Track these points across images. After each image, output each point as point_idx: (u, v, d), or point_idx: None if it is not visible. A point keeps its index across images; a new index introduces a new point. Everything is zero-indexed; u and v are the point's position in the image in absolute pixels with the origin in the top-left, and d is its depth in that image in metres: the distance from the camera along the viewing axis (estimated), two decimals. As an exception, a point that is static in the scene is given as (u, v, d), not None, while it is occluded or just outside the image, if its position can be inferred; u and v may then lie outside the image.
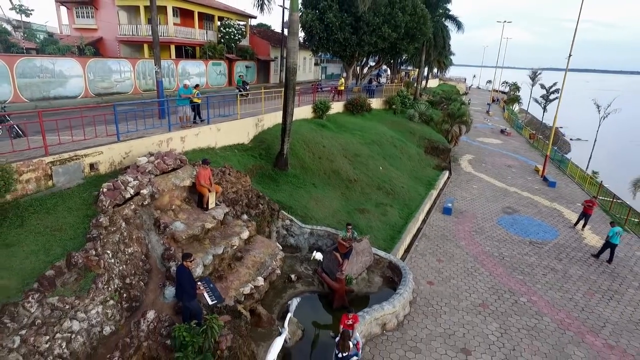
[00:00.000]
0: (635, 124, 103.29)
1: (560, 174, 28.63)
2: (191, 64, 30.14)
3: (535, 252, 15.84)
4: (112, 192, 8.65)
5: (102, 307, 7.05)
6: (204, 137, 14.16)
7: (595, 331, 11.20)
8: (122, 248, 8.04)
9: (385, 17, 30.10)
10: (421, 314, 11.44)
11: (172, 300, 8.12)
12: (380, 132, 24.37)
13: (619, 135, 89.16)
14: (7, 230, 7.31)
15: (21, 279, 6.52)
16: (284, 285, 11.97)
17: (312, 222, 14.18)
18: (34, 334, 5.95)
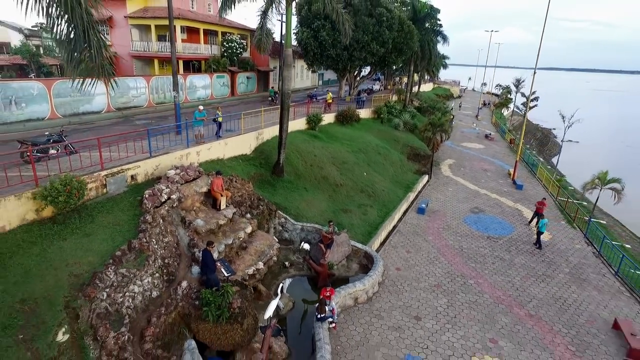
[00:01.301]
0: (631, 125, 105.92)
1: (530, 177, 31.78)
2: (197, 77, 33.25)
3: (490, 245, 18.98)
4: (152, 197, 11.80)
5: (151, 277, 10.19)
6: (215, 151, 17.30)
7: (522, 305, 14.33)
8: (161, 238, 11.18)
9: (373, 34, 33.29)
10: (387, 292, 14.56)
11: (197, 275, 11.27)
12: (367, 141, 27.51)
13: (613, 137, 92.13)
14: (85, 224, 10.44)
15: (100, 257, 9.65)
16: (279, 270, 15.12)
17: (303, 220, 17.31)
18: (113, 291, 9.09)
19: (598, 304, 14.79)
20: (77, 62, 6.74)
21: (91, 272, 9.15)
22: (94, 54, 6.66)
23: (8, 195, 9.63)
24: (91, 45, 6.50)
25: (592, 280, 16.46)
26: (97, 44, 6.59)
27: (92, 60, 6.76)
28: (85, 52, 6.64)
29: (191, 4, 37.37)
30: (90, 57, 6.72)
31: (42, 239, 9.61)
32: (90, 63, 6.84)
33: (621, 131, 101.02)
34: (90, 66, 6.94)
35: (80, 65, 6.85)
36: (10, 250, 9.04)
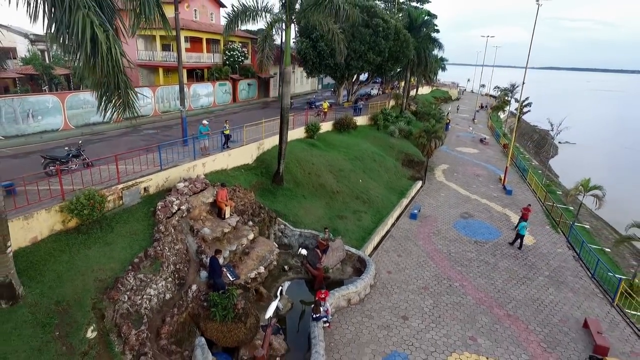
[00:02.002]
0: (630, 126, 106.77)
1: (520, 182, 33.05)
2: (201, 86, 34.54)
3: (477, 250, 20.25)
4: (164, 208, 13.09)
5: (164, 282, 11.49)
6: (219, 162, 18.58)
7: (502, 306, 15.61)
8: (172, 245, 12.47)
9: (370, 44, 34.58)
10: (378, 294, 15.84)
11: (205, 279, 12.57)
12: (363, 148, 28.79)
13: (611, 138, 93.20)
14: (106, 234, 11.74)
15: (121, 263, 10.95)
16: (279, 274, 16.42)
17: (301, 226, 18.60)
18: (133, 294, 10.39)
19: (572, 304, 16.07)
20: (107, 102, 7.95)
21: (114, 277, 10.45)
22: (123, 94, 7.87)
23: (40, 209, 10.91)
24: (120, 87, 7.71)
25: (570, 282, 17.73)
26: (124, 86, 7.82)
27: (119, 98, 7.98)
28: (115, 94, 7.86)
29: (194, 15, 38.64)
30: (118, 96, 7.95)
31: (70, 247, 10.90)
32: (118, 101, 8.07)
33: (619, 132, 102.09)
34: (118, 103, 8.16)
35: (110, 103, 8.08)
36: (44, 258, 10.34)
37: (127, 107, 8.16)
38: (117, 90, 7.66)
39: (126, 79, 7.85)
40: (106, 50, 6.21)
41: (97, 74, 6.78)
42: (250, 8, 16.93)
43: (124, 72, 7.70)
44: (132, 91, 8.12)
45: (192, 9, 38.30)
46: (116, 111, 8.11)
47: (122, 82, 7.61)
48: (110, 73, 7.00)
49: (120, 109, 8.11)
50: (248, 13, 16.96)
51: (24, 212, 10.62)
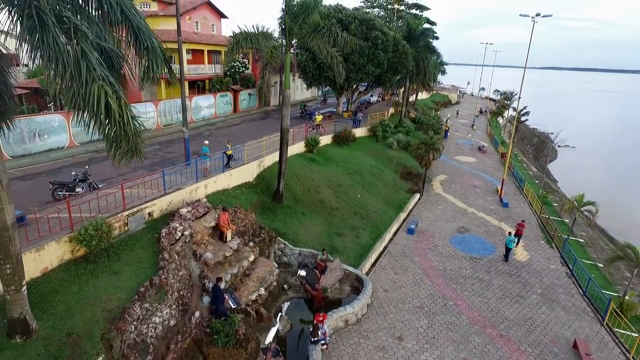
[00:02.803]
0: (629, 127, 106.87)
1: (517, 193, 33.52)
2: (202, 98, 35.05)
3: (472, 266, 20.74)
4: (168, 235, 13.61)
5: (169, 309, 12.00)
6: (221, 182, 19.09)
7: (495, 325, 16.11)
8: (176, 272, 12.99)
9: (369, 57, 35.04)
10: (375, 313, 16.34)
11: (207, 304, 13.08)
12: (362, 162, 29.28)
13: (610, 141, 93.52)
14: (113, 263, 12.26)
15: (127, 293, 11.47)
16: (279, 293, 16.92)
17: (301, 244, 19.10)
18: (139, 324, 10.90)
19: (563, 324, 16.56)
20: (117, 148, 8.38)
21: (121, 307, 10.97)
22: (131, 141, 8.32)
23: (50, 241, 11.43)
24: (128, 135, 8.16)
25: (562, 300, 18.22)
26: (133, 133, 8.27)
27: (128, 144, 8.43)
28: (123, 140, 8.29)
29: (195, 26, 39.15)
30: (127, 143, 8.39)
31: (79, 277, 11.42)
32: (127, 146, 8.52)
33: (619, 134, 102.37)
34: (126, 150, 8.62)
35: (119, 150, 8.53)
36: (54, 289, 10.86)
37: (135, 153, 8.56)
38: (126, 138, 8.02)
39: (136, 128, 8.24)
40: (118, 117, 6.72)
41: (110, 135, 7.26)
42: (251, 34, 17.42)
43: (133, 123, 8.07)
44: (140, 139, 8.53)
45: (193, 21, 38.81)
46: (124, 157, 8.52)
47: (131, 131, 8.00)
48: (123, 136, 7.45)
49: (128, 156, 8.52)
50: (249, 39, 17.46)
51: (35, 244, 11.14)
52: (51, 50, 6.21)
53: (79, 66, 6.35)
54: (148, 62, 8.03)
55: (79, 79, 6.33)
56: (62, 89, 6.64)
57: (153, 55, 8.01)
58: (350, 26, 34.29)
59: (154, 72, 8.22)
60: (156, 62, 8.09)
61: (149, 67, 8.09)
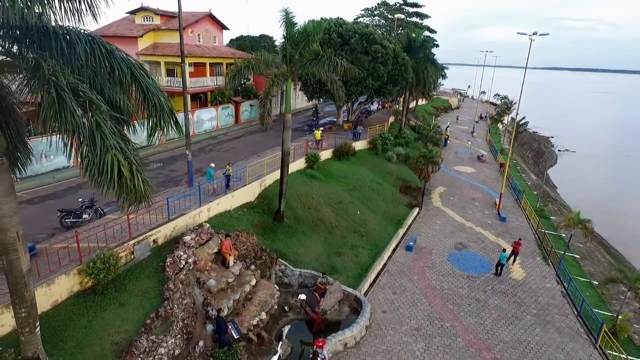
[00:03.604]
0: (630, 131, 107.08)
1: (515, 206, 33.92)
2: (204, 111, 35.55)
3: (469, 285, 21.16)
4: (173, 264, 14.08)
5: (174, 339, 12.47)
6: (223, 204, 19.55)
7: (490, 348, 16.54)
8: (181, 301, 13.45)
9: (369, 70, 35.50)
10: (373, 335, 16.77)
11: (210, 332, 13.54)
12: (362, 177, 29.72)
13: (611, 145, 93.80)
14: (120, 294, 12.73)
15: (134, 325, 11.94)
16: (279, 315, 17.35)
17: (301, 265, 19.54)
18: (146, 356, 11.36)
19: (557, 346, 16.98)
20: (126, 196, 8.72)
21: (128, 340, 11.43)
22: (140, 193, 8.64)
23: (60, 275, 11.90)
24: (137, 189, 8.45)
25: (556, 321, 18.63)
26: (143, 186, 8.57)
27: (136, 193, 8.79)
28: (132, 194, 8.65)
29: (198, 39, 39.63)
30: (135, 192, 8.75)
31: (87, 310, 11.89)
32: (135, 197, 8.84)
33: (619, 138, 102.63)
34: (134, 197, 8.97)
35: (128, 197, 8.89)
36: (64, 323, 11.33)
37: (142, 199, 8.86)
38: (137, 196, 8.29)
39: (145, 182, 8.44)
40: (130, 182, 7.18)
41: (123, 197, 7.69)
42: (252, 62, 17.90)
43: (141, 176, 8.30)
44: (149, 187, 8.81)
45: (195, 34, 39.30)
46: (132, 204, 8.84)
47: (140, 191, 8.23)
48: (133, 194, 7.84)
49: (136, 202, 8.81)
50: (251, 67, 17.92)
51: (46, 279, 11.60)
52: (69, 124, 6.68)
53: (94, 138, 6.81)
54: (156, 119, 8.47)
55: (94, 149, 6.79)
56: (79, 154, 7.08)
57: (160, 112, 8.45)
58: (351, 40, 34.78)
59: (162, 128, 8.65)
60: (164, 119, 8.53)
61: (157, 123, 8.53)
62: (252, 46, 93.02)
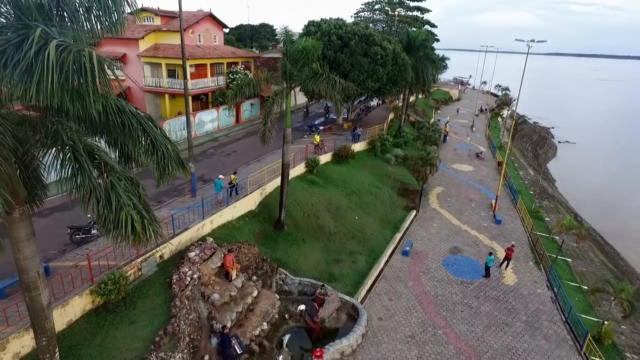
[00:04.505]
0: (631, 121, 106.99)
1: (511, 207, 34.60)
2: (205, 113, 36.02)
3: (462, 291, 22.00)
4: (179, 281, 14.88)
5: (181, 354, 13.32)
6: (225, 215, 20.28)
7: (479, 355, 17.43)
8: (187, 316, 14.28)
9: (368, 72, 35.83)
10: (369, 343, 17.67)
11: (215, 345, 14.41)
12: (360, 181, 30.37)
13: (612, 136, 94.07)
14: (130, 311, 13.55)
15: (144, 342, 12.78)
16: (280, 322, 18.25)
17: (301, 274, 20.36)
18: (156, 373, 12.23)
19: (544, 353, 17.87)
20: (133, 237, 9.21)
21: (139, 357, 12.30)
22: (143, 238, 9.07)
23: (73, 296, 12.70)
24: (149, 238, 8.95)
25: (544, 328, 19.50)
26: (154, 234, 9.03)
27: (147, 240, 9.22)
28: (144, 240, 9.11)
29: (198, 39, 39.81)
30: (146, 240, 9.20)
31: (100, 329, 12.72)
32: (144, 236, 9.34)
33: (620, 129, 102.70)
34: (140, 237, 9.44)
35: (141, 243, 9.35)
36: (79, 342, 12.17)
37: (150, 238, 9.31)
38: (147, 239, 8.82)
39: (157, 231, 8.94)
40: (143, 236, 7.87)
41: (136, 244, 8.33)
42: (253, 81, 18.39)
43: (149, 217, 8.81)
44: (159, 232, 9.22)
45: (196, 34, 39.46)
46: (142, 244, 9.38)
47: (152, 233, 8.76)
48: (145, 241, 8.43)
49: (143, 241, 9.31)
50: (251, 85, 18.43)
51: (61, 301, 12.40)
52: (86, 187, 7.33)
53: (109, 197, 7.47)
54: (164, 166, 9.08)
55: (109, 208, 7.46)
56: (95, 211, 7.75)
57: (168, 160, 9.07)
58: (351, 42, 35.01)
59: (169, 174, 9.27)
60: (171, 165, 9.14)
61: (165, 169, 9.15)
62: (252, 35, 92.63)
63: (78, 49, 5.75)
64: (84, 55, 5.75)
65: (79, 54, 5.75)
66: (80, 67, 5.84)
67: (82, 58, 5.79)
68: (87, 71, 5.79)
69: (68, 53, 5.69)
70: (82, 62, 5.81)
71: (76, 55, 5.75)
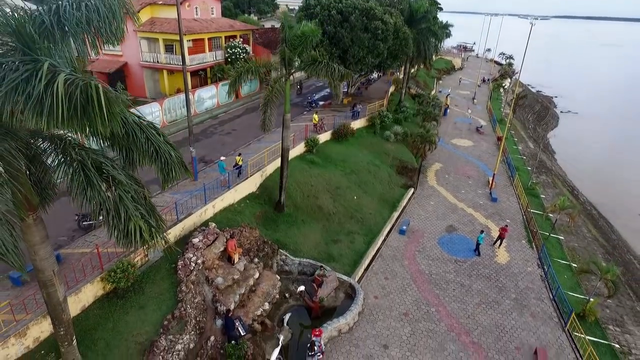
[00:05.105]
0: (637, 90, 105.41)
1: (508, 185, 35.12)
2: (205, 90, 35.86)
3: (455, 270, 22.92)
4: (184, 267, 15.65)
5: (188, 335, 14.28)
6: (227, 199, 20.85)
7: (469, 332, 18.50)
8: (193, 300, 15.15)
9: (369, 48, 35.32)
10: (365, 321, 18.71)
11: (220, 326, 15.38)
12: (359, 159, 30.73)
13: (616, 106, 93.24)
14: (139, 297, 14.38)
15: (153, 326, 13.68)
16: (281, 301, 19.24)
17: (300, 254, 21.17)
18: (165, 353, 13.19)
19: (530, 329, 18.95)
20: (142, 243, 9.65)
21: (149, 340, 13.22)
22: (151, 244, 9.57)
23: (86, 284, 13.47)
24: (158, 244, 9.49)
25: (532, 305, 20.52)
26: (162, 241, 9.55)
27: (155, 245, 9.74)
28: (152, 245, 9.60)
29: (195, 12, 38.94)
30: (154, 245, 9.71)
31: (112, 314, 13.59)
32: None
33: (625, 99, 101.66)
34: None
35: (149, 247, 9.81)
36: (93, 327, 13.06)
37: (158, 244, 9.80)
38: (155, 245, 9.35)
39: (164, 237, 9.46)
40: (151, 243, 8.42)
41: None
42: (252, 67, 18.40)
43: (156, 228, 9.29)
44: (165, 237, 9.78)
45: (192, 7, 38.56)
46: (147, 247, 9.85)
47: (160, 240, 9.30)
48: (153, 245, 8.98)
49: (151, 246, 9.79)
50: (251, 71, 18.45)
51: (74, 289, 13.17)
52: (96, 200, 7.81)
53: (118, 209, 7.96)
54: (168, 171, 9.51)
55: (119, 219, 7.97)
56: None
57: (171, 164, 9.48)
58: (351, 17, 34.29)
59: (173, 178, 9.71)
60: (174, 169, 9.57)
61: (168, 174, 9.58)
62: (249, 0, 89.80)
63: (85, 82, 6.05)
64: (90, 88, 6.05)
65: (85, 87, 6.05)
66: (88, 97, 6.16)
67: (88, 90, 6.10)
68: (95, 102, 6.11)
69: (75, 87, 5.99)
70: (89, 94, 6.12)
71: (83, 88, 6.05)
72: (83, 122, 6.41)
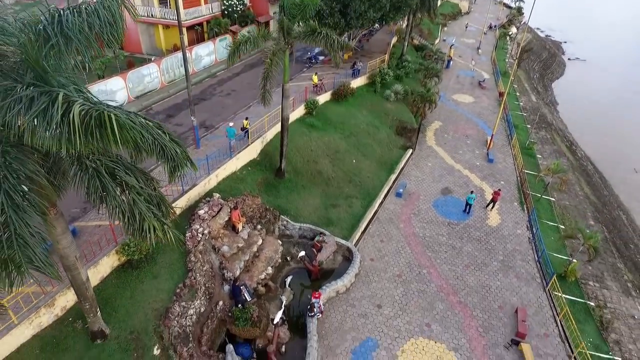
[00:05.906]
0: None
1: (506, 144, 35.48)
2: (202, 47, 35.04)
3: (448, 232, 24.12)
4: (192, 238, 16.73)
5: (199, 301, 15.68)
6: (229, 167, 21.52)
7: (456, 292, 20.04)
8: (202, 268, 16.40)
9: (370, 2, 33.97)
10: (361, 282, 20.19)
11: (227, 291, 16.77)
12: (359, 121, 30.89)
13: (626, 52, 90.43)
14: (152, 267, 15.57)
15: (167, 294, 15.01)
16: (283, 264, 20.63)
17: (300, 219, 22.26)
18: (179, 318, 14.62)
19: (513, 290, 20.48)
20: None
21: (164, 307, 14.59)
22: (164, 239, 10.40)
23: (102, 257, 14.60)
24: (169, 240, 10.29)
25: (517, 267, 21.93)
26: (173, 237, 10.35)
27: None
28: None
29: (188, -40, 36.87)
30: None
31: (129, 284, 14.85)
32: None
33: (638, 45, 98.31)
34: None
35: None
36: (113, 296, 14.36)
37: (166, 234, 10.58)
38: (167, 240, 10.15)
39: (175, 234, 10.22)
40: (164, 238, 9.24)
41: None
42: (251, 37, 18.17)
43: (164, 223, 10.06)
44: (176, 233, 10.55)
45: (185, -45, 36.45)
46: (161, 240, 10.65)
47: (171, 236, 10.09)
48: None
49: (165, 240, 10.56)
50: (249, 42, 18.24)
51: (92, 262, 14.30)
52: (111, 204, 8.51)
53: (132, 211, 8.69)
54: (174, 165, 10.10)
55: (134, 220, 8.72)
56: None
57: (177, 160, 10.04)
58: (352, -32, 32.59)
59: (179, 171, 10.32)
60: (180, 164, 10.15)
61: (175, 168, 10.18)
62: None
63: (98, 111, 6.50)
64: (103, 117, 6.52)
65: (99, 116, 6.51)
66: (101, 124, 6.65)
67: (102, 118, 6.57)
68: (108, 129, 6.61)
69: (90, 117, 6.46)
70: (103, 121, 6.60)
71: (97, 117, 6.52)
72: (98, 145, 6.95)
